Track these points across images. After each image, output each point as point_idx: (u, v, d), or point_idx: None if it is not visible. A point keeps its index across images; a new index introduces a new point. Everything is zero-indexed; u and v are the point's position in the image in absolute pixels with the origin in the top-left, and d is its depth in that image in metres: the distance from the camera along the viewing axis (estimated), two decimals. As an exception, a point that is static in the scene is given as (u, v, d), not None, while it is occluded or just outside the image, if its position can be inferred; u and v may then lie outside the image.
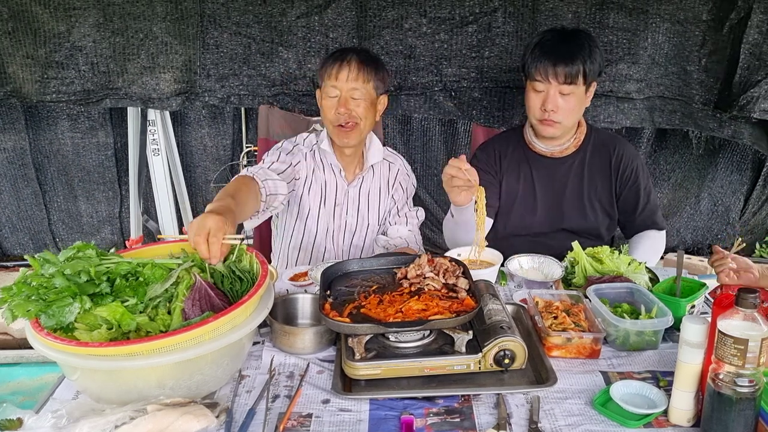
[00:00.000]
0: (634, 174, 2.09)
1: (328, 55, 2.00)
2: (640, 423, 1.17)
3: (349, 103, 1.93)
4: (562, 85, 1.92)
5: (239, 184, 1.70)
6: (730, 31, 2.57)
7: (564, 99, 1.94)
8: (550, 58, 1.91)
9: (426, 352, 1.30)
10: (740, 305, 1.05)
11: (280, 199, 1.87)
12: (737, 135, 2.71)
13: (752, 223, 3.53)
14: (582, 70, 1.91)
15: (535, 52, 1.94)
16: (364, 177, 2.13)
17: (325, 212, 2.09)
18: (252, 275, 1.37)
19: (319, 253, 2.13)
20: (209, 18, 2.57)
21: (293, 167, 2.00)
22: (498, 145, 2.18)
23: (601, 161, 2.10)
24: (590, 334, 1.39)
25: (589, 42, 1.95)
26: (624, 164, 2.09)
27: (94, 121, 3.32)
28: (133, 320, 1.21)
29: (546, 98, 1.94)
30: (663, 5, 2.54)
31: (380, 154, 2.14)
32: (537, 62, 1.92)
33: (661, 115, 2.74)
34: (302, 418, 1.20)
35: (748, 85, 2.58)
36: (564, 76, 1.90)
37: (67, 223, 3.54)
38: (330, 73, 1.93)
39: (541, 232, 2.14)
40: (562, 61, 1.90)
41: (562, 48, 1.92)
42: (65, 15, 2.53)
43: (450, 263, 1.56)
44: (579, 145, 2.10)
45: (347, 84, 1.92)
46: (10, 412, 1.14)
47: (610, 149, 2.11)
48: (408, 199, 2.23)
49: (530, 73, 1.96)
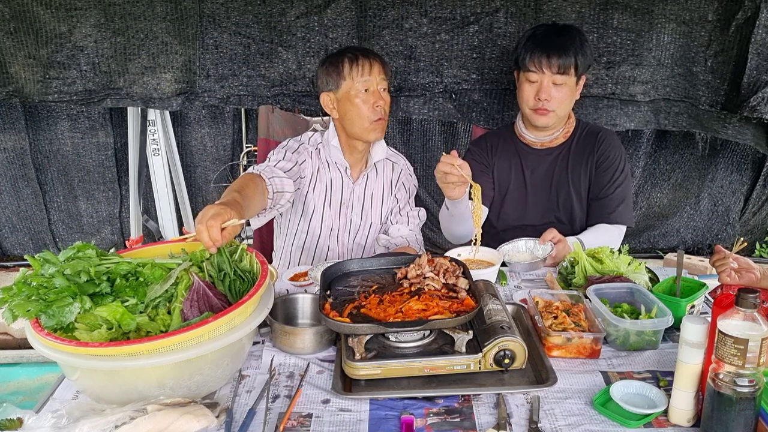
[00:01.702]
0: (609, 162, 2.12)
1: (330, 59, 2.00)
2: (640, 423, 1.17)
3: (383, 96, 1.98)
4: (556, 75, 1.98)
5: (246, 180, 1.71)
6: (737, 32, 2.55)
7: (557, 89, 2.01)
8: (543, 49, 1.97)
9: (426, 352, 1.30)
10: (740, 305, 1.05)
11: (286, 197, 1.88)
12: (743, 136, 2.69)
13: (752, 223, 3.54)
14: (574, 61, 1.97)
15: (528, 44, 2.00)
16: (368, 175, 2.15)
17: (330, 211, 2.10)
18: (252, 275, 1.37)
19: (323, 251, 2.13)
20: (209, 18, 2.57)
21: (299, 166, 2.01)
22: (490, 139, 2.26)
23: (584, 151, 2.15)
24: (590, 334, 1.39)
25: (579, 36, 2.02)
26: (605, 153, 2.12)
27: (94, 121, 3.32)
28: (133, 320, 1.21)
29: (540, 88, 2.00)
30: (668, 5, 2.52)
31: (384, 153, 2.16)
32: (530, 53, 1.99)
33: (666, 117, 2.73)
34: (302, 418, 1.20)
35: (757, 85, 2.55)
36: (558, 67, 1.97)
37: (67, 223, 3.54)
38: (357, 70, 1.95)
39: (534, 223, 2.18)
40: (555, 52, 1.96)
41: (555, 40, 1.99)
42: (66, 15, 2.53)
43: (450, 263, 1.56)
44: (567, 137, 2.15)
45: (378, 77, 1.97)
46: (10, 412, 1.14)
47: (594, 139, 2.15)
48: (410, 198, 2.24)
49: (524, 64, 2.01)
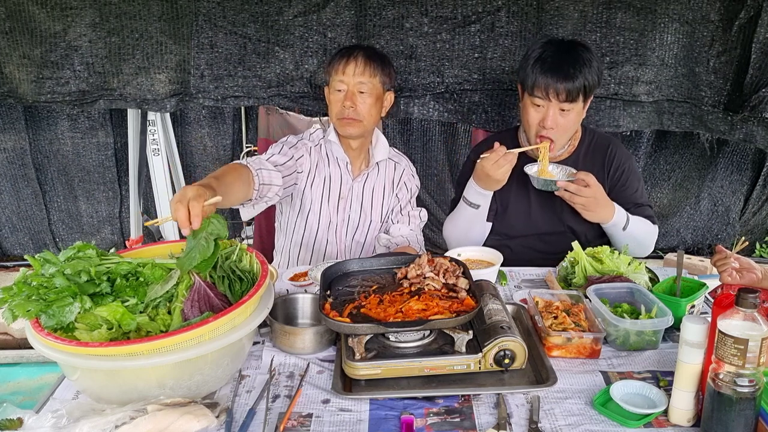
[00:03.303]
0: (625, 175, 2.09)
1: (335, 53, 2.05)
2: (640, 423, 1.17)
3: (355, 97, 1.98)
4: (563, 102, 1.91)
5: (228, 169, 1.72)
6: (740, 31, 2.54)
7: (563, 115, 1.94)
8: (551, 75, 1.89)
9: (426, 352, 1.30)
10: (740, 305, 1.05)
11: (274, 189, 1.87)
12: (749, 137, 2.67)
13: (752, 223, 3.54)
14: (583, 87, 1.90)
15: (535, 68, 1.91)
16: (369, 173, 2.15)
17: (328, 206, 2.11)
18: (252, 275, 1.37)
19: (321, 246, 2.14)
20: (204, 17, 2.53)
21: (295, 161, 2.02)
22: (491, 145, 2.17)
23: (594, 161, 2.10)
24: (590, 334, 1.40)
25: (589, 57, 1.93)
26: (615, 165, 2.09)
27: (94, 121, 3.32)
28: (134, 320, 1.21)
29: (545, 116, 1.94)
30: (671, 5, 2.49)
31: (386, 152, 2.17)
32: (537, 78, 1.90)
33: (670, 118, 2.70)
34: (302, 418, 1.21)
35: (760, 84, 2.55)
36: (566, 95, 1.89)
37: (67, 223, 3.54)
38: (337, 68, 1.98)
39: (539, 233, 2.14)
40: (563, 79, 1.88)
41: (563, 64, 1.90)
42: (62, 14, 2.51)
43: (450, 263, 1.56)
44: (573, 149, 2.10)
45: (354, 78, 1.96)
46: (10, 412, 1.14)
47: (604, 149, 2.11)
48: (411, 198, 2.25)
49: (530, 88, 1.94)
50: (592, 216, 1.95)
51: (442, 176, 3.48)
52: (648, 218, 2.08)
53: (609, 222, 1.97)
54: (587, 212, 1.94)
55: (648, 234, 2.06)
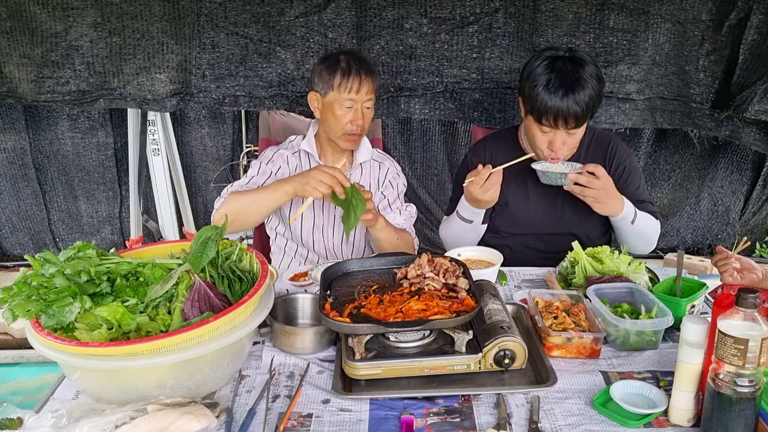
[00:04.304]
0: (626, 172, 2.09)
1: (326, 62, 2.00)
2: (640, 423, 1.17)
3: (364, 114, 2.00)
4: (571, 129, 1.89)
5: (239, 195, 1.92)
6: (730, 32, 2.56)
7: (571, 136, 1.92)
8: (559, 105, 1.82)
9: (426, 352, 1.31)
10: (740, 305, 1.05)
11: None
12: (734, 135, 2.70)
13: (752, 223, 3.54)
14: (591, 110, 1.87)
15: (542, 96, 1.83)
16: (351, 173, 2.16)
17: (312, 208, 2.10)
18: (252, 275, 1.37)
19: (309, 246, 2.15)
20: (206, 17, 2.55)
21: (274, 175, 2.07)
22: (489, 145, 2.18)
23: (595, 159, 2.08)
24: (590, 334, 1.40)
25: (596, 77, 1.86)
26: (617, 162, 2.09)
27: (94, 121, 3.32)
28: (134, 320, 1.21)
29: (554, 140, 1.91)
30: (664, 5, 2.53)
31: (369, 154, 2.18)
32: (545, 107, 1.83)
33: (662, 115, 2.73)
34: (302, 418, 1.21)
35: (745, 85, 2.57)
36: (575, 122, 1.86)
37: (67, 223, 3.54)
38: (346, 86, 1.94)
39: (539, 233, 2.14)
40: (572, 110, 1.83)
41: (570, 93, 1.82)
42: (63, 14, 2.51)
43: (450, 263, 1.56)
44: (574, 150, 2.09)
45: (365, 96, 1.98)
46: (10, 412, 1.14)
47: (605, 147, 2.11)
48: (400, 195, 2.24)
49: (537, 116, 1.88)
50: (603, 209, 1.92)
51: (442, 176, 3.49)
52: (651, 214, 2.08)
53: (619, 214, 1.95)
54: (598, 204, 1.90)
55: (652, 229, 2.06)
